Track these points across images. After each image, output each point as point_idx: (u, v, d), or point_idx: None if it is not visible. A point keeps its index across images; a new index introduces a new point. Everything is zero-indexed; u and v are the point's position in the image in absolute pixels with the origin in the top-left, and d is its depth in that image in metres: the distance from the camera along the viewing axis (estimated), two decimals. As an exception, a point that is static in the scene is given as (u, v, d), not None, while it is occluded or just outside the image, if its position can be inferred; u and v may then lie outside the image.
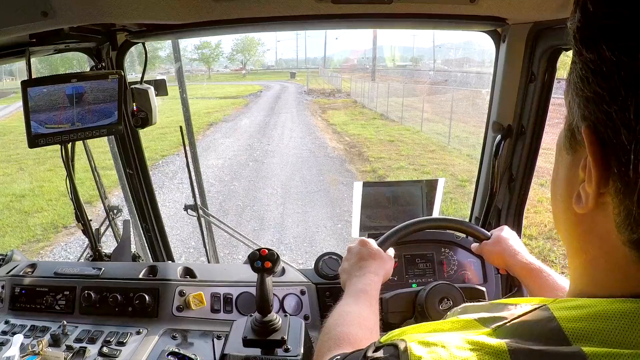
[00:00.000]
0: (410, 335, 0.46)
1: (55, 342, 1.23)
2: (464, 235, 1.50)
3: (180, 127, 1.89)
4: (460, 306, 0.55)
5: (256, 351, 1.11)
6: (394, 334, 0.50)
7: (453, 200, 7.04)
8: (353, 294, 0.92)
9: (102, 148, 2.94)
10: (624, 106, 0.34)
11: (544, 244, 5.21)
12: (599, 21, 0.36)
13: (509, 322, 0.42)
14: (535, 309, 0.42)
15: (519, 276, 1.07)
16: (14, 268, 1.55)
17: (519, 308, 0.45)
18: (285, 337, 1.14)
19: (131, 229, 1.85)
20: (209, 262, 2.18)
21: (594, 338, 0.36)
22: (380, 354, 0.47)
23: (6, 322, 1.36)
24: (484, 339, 0.40)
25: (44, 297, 1.42)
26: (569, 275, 0.49)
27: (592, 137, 0.38)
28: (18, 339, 1.19)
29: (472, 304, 0.53)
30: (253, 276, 1.15)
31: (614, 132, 0.36)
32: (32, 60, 1.27)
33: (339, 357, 0.61)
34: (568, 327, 0.38)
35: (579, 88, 0.39)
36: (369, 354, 0.49)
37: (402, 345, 0.44)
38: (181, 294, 1.42)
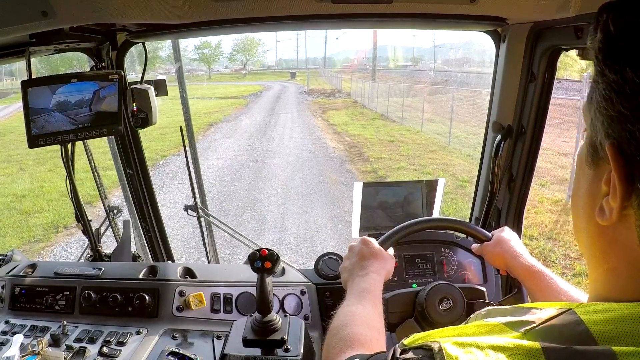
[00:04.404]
0: (440, 338, 0.47)
1: (55, 342, 1.23)
2: (464, 236, 1.50)
3: (181, 127, 1.89)
4: (483, 310, 0.56)
5: (256, 351, 1.11)
6: (418, 337, 0.51)
7: (453, 201, 7.03)
8: (357, 294, 0.92)
9: (102, 148, 2.95)
10: None
11: (544, 244, 5.20)
12: (622, 43, 0.38)
13: (537, 325, 0.44)
14: (562, 312, 0.44)
15: (520, 278, 1.06)
16: (14, 268, 1.55)
17: (543, 312, 0.46)
18: (285, 337, 1.13)
19: (131, 229, 1.85)
20: (209, 262, 2.18)
21: (620, 339, 0.37)
22: (410, 355, 0.47)
23: (6, 322, 1.36)
24: (516, 341, 0.41)
25: (44, 297, 1.42)
26: (589, 283, 0.51)
27: (616, 154, 0.39)
28: (18, 338, 1.19)
29: (495, 307, 0.54)
30: (253, 276, 1.15)
31: (637, 150, 0.37)
32: (32, 60, 1.27)
33: (357, 359, 0.61)
34: (596, 329, 0.39)
35: (603, 107, 0.40)
36: (398, 355, 0.49)
37: (435, 346, 0.44)
38: (181, 294, 1.42)
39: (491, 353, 0.41)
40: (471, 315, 0.58)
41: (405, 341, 0.52)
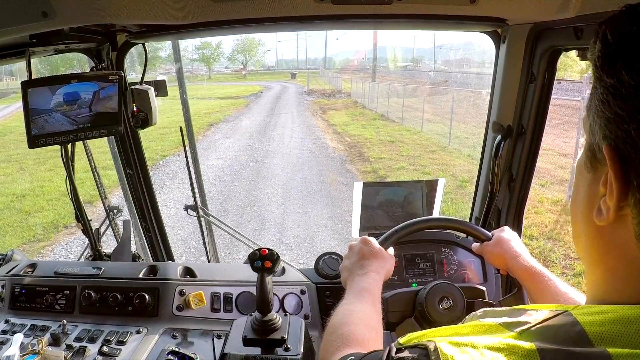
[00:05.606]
0: (436, 337, 0.47)
1: (55, 341, 1.24)
2: (464, 235, 1.51)
3: (181, 128, 1.89)
4: (479, 310, 0.56)
5: (256, 350, 1.12)
6: (413, 336, 0.51)
7: (453, 201, 7.03)
8: (356, 293, 0.93)
9: (102, 148, 2.95)
10: None
11: (544, 244, 5.20)
12: (618, 50, 0.40)
13: (533, 326, 0.44)
14: (558, 314, 0.44)
15: (519, 279, 1.07)
16: (14, 267, 1.55)
17: (540, 313, 0.46)
18: (285, 337, 1.14)
19: (131, 228, 1.85)
20: (209, 262, 2.18)
21: (616, 341, 0.38)
22: (405, 354, 0.47)
23: (6, 322, 1.36)
24: (512, 341, 0.42)
25: (44, 297, 1.43)
26: (586, 286, 0.51)
27: (613, 154, 0.41)
28: (18, 338, 1.19)
29: (491, 309, 0.55)
30: (253, 276, 1.15)
31: (633, 148, 0.39)
32: (32, 60, 1.27)
33: (352, 357, 0.61)
34: (591, 330, 0.40)
35: (600, 110, 0.42)
36: (393, 354, 0.49)
37: (431, 346, 0.45)
38: (181, 293, 1.42)
39: (486, 353, 0.41)
40: (467, 316, 0.59)
41: (401, 340, 0.52)
